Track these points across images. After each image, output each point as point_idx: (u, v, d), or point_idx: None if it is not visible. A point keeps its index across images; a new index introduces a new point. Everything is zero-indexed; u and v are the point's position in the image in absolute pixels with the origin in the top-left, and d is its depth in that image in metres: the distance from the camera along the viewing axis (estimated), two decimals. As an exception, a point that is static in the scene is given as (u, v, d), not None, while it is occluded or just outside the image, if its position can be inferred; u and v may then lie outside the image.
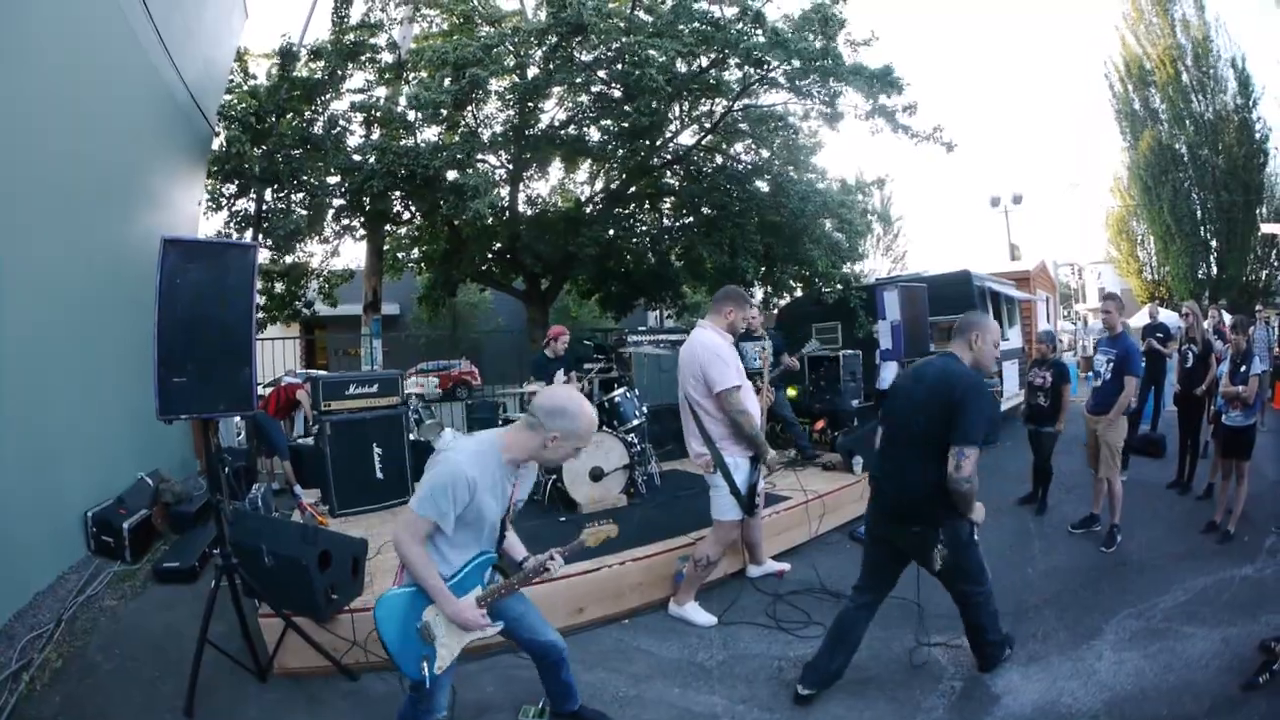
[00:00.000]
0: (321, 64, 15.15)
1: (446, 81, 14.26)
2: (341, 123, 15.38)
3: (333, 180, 15.36)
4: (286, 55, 14.96)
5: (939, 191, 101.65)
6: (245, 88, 15.60)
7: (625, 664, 5.78)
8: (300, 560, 5.38)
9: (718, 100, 16.14)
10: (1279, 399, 16.57)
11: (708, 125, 16.76)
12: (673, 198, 18.69)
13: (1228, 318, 11.96)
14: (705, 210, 17.43)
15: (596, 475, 8.74)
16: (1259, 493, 9.79)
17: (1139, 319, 15.31)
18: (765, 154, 17.44)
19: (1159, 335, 12.73)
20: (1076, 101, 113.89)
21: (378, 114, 15.32)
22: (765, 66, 14.38)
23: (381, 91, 16.43)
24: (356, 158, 14.91)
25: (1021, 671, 5.42)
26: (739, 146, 17.76)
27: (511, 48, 15.03)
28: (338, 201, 15.64)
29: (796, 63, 14.11)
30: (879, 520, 5.12)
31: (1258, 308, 20.43)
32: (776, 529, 8.01)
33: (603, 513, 8.45)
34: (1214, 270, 34.04)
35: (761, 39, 13.86)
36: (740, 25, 14.24)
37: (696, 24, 14.26)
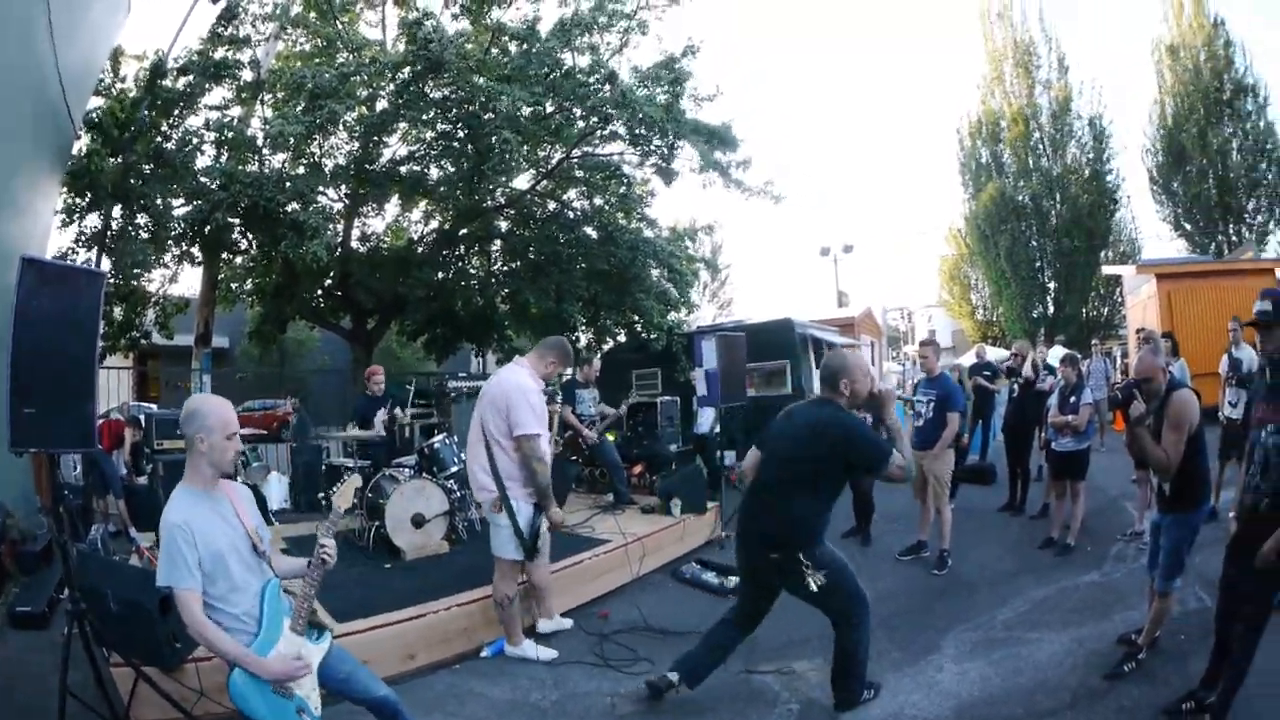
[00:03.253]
0: (187, 79, 14.42)
1: (300, 109, 13.80)
2: (195, 140, 14.60)
3: (178, 203, 14.54)
4: (157, 71, 14.11)
5: (771, 241, 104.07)
6: (114, 91, 14.66)
7: (459, 707, 5.62)
8: (143, 605, 5.03)
9: (556, 146, 16.11)
10: (1119, 422, 17.40)
11: (544, 170, 16.67)
12: (501, 242, 18.44)
13: (1054, 352, 12.51)
14: (533, 256, 17.32)
15: (418, 521, 8.58)
16: (1101, 507, 10.46)
17: (968, 359, 16.06)
18: (598, 201, 17.43)
19: (986, 373, 13.24)
20: (918, 154, 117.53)
21: (229, 135, 14.65)
22: (609, 119, 14.44)
23: (236, 112, 15.69)
24: (204, 180, 14.20)
25: (858, 691, 5.41)
26: (572, 193, 17.74)
27: (366, 78, 14.69)
28: (180, 226, 14.86)
29: (640, 116, 14.08)
30: (749, 554, 5.20)
31: (1094, 341, 21.34)
32: (598, 571, 8.03)
33: (425, 560, 8.42)
34: (1050, 309, 35.57)
35: (608, 93, 13.89)
36: (588, 76, 14.28)
37: (546, 70, 14.20)
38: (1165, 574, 5.43)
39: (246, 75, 15.18)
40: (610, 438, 11.78)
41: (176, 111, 14.66)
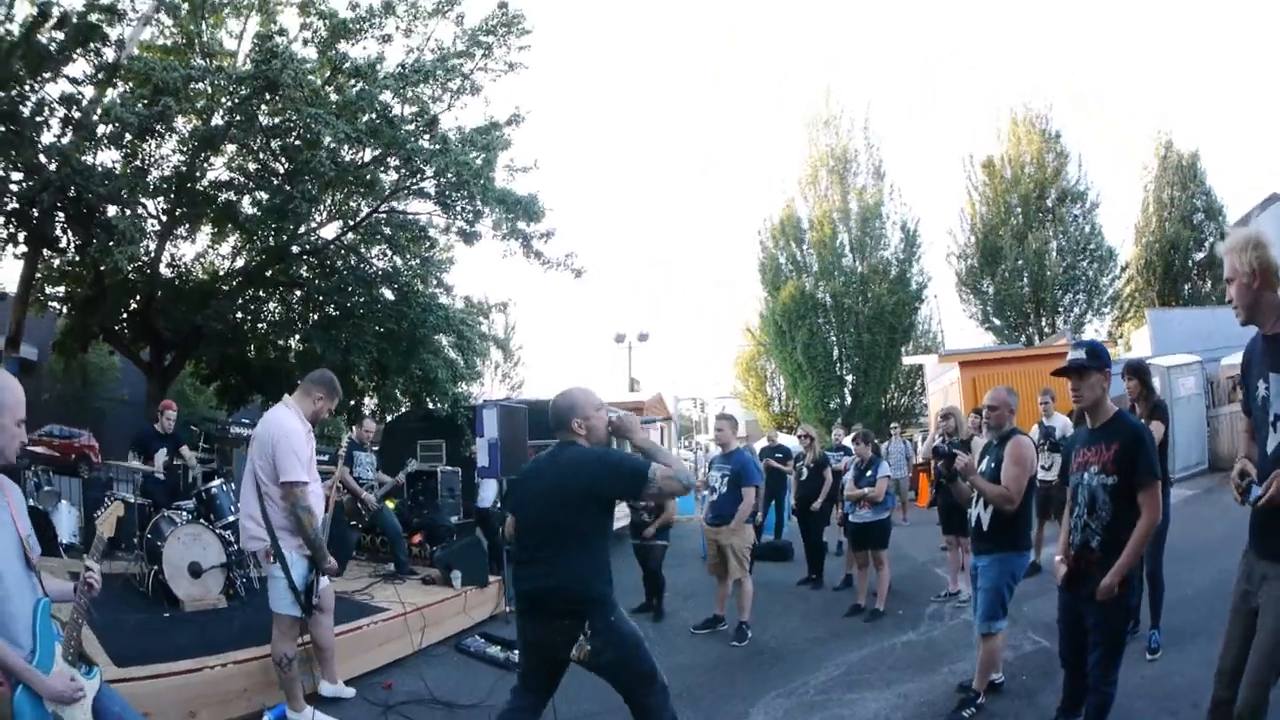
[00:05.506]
0: (62, 35, 13.51)
1: (142, 105, 13.37)
2: (47, 111, 13.80)
3: (17, 177, 13.76)
4: (42, 14, 13.19)
5: (565, 325, 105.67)
6: None
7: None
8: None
9: (368, 198, 16.11)
10: (923, 498, 18.73)
11: (352, 222, 16.65)
12: (300, 290, 18.19)
13: (849, 437, 12.84)
14: (330, 309, 17.29)
15: (195, 571, 7.96)
16: (910, 573, 10.89)
17: (761, 444, 16.35)
18: (399, 261, 17.48)
19: (778, 455, 13.82)
20: (719, 251, 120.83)
21: (77, 115, 13.90)
22: (420, 175, 14.64)
23: (89, 92, 14.77)
24: (42, 159, 13.45)
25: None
26: (375, 250, 17.69)
27: (209, 86, 14.43)
28: (13, 200, 13.80)
29: (451, 175, 14.43)
30: (531, 625, 4.50)
31: (893, 425, 21.92)
32: (377, 640, 7.68)
33: (203, 612, 7.82)
34: (848, 400, 36.41)
35: (426, 145, 14.10)
36: (413, 126, 14.50)
37: (374, 115, 14.28)
38: (986, 614, 5.47)
39: (109, 54, 14.39)
40: (390, 505, 11.40)
41: (44, 74, 13.88)
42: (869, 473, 9.36)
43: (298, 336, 17.91)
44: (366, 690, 6.68)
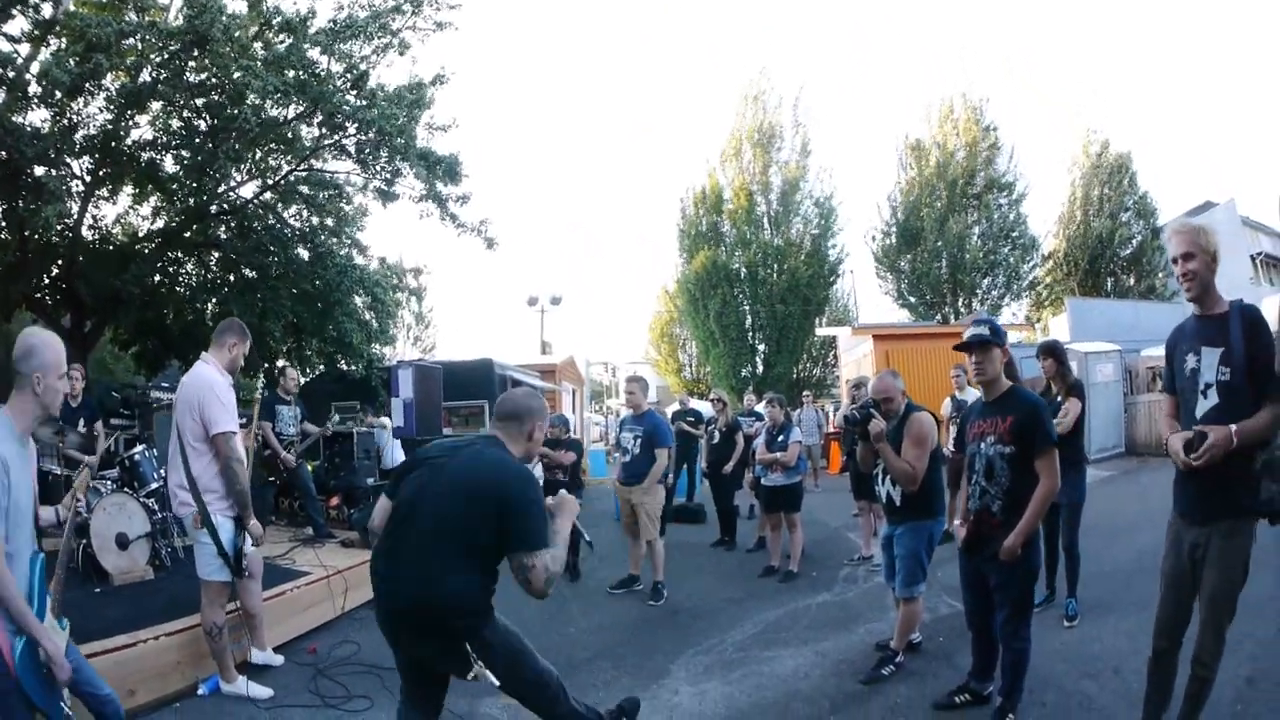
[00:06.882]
0: None
1: (73, 62, 12.71)
2: None
3: None
4: None
5: (477, 287, 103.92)
6: None
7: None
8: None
9: (287, 156, 15.81)
10: (834, 465, 19.15)
11: (271, 181, 16.21)
12: (219, 252, 17.69)
13: (762, 404, 13.00)
14: (246, 271, 16.95)
15: (122, 542, 7.83)
16: (824, 537, 11.13)
17: (672, 407, 16.47)
18: (315, 221, 17.22)
19: (689, 419, 13.85)
20: (639, 218, 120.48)
21: (12, 74, 13.28)
22: (343, 130, 14.43)
23: (25, 50, 14.09)
24: None
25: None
26: (292, 209, 17.35)
27: (139, 43, 13.78)
28: None
29: (373, 133, 14.26)
30: (400, 642, 3.91)
31: (805, 394, 22.17)
32: (301, 605, 7.63)
33: (132, 585, 7.72)
34: (760, 369, 36.61)
35: (353, 101, 13.92)
36: (340, 82, 14.24)
37: (302, 72, 13.97)
38: (906, 580, 5.61)
39: (47, 10, 13.83)
40: (309, 467, 11.34)
41: None
42: (780, 437, 9.54)
43: (215, 300, 17.44)
44: (295, 656, 6.70)
